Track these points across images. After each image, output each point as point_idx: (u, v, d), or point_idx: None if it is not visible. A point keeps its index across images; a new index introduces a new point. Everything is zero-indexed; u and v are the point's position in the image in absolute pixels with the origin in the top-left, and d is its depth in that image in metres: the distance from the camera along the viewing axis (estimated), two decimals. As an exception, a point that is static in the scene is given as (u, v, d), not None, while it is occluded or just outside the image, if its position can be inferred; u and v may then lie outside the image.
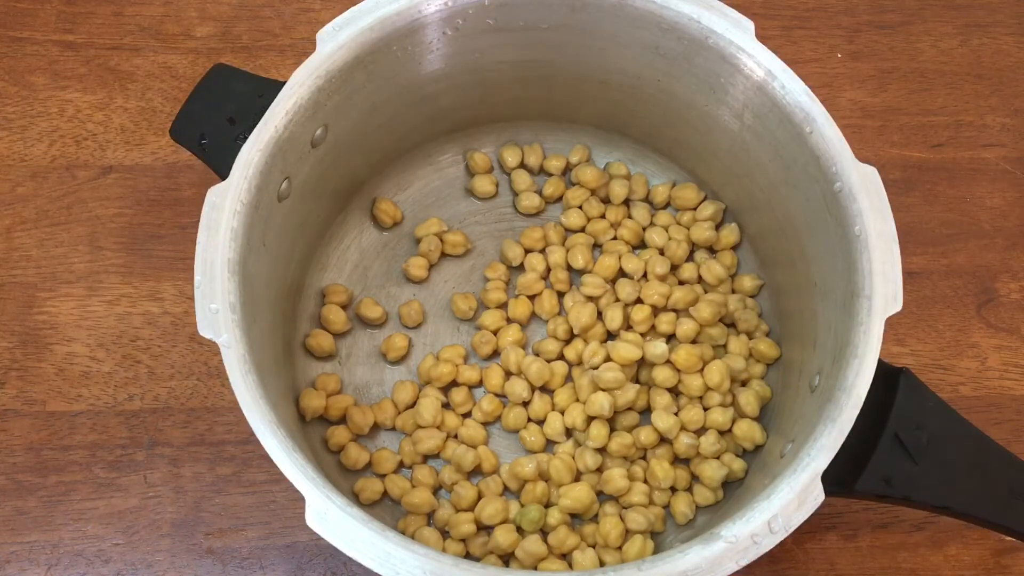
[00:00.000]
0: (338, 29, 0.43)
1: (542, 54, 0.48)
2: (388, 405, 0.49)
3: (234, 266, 0.40)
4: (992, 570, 0.50)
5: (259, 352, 0.40)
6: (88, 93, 0.58)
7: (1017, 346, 0.54)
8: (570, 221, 0.53)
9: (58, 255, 0.54)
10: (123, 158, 0.56)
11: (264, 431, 0.37)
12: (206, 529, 0.49)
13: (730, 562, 0.36)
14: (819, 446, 0.38)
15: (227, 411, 0.51)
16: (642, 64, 0.47)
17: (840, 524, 0.50)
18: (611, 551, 0.46)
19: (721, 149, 0.49)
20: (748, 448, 0.48)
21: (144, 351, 0.52)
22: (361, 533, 0.35)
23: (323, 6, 0.61)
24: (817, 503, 0.37)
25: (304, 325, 0.51)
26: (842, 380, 0.39)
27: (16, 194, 0.55)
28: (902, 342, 0.54)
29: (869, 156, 0.58)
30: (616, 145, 0.55)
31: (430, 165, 0.55)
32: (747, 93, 0.45)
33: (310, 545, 0.48)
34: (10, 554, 0.48)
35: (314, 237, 0.51)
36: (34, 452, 0.50)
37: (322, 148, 0.46)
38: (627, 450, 0.47)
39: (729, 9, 0.44)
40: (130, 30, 0.60)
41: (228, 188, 0.41)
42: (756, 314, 0.51)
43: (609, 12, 0.45)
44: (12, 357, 0.51)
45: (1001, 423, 0.52)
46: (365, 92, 0.46)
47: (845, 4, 0.63)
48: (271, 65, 0.59)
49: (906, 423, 0.40)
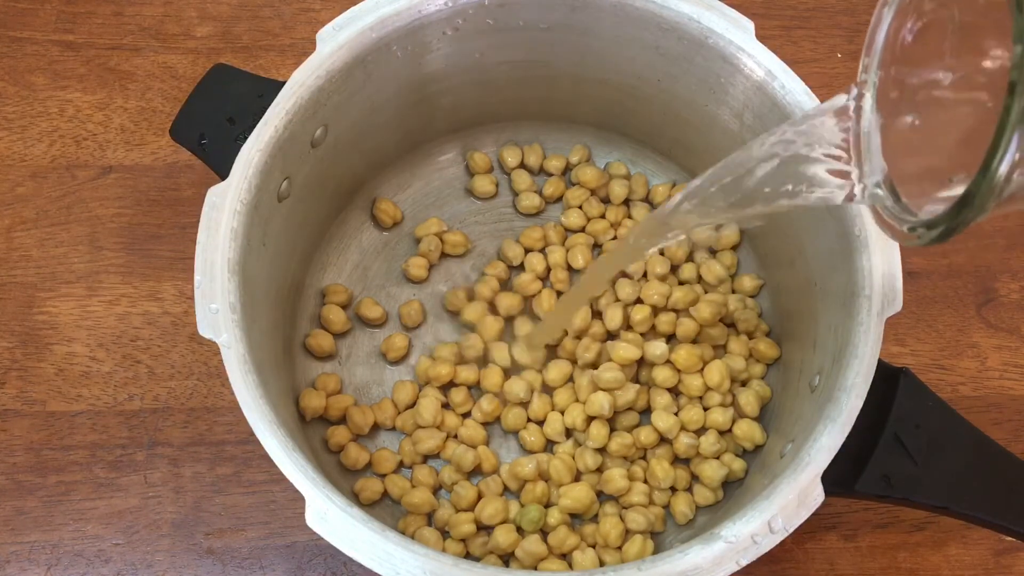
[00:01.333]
0: (338, 29, 0.43)
1: (542, 54, 0.48)
2: (388, 405, 0.49)
3: (234, 266, 0.40)
4: (992, 570, 0.50)
5: (259, 352, 0.40)
6: (88, 93, 0.58)
7: (1017, 346, 0.54)
8: (570, 221, 0.53)
9: (58, 255, 0.54)
10: (123, 158, 0.56)
11: (264, 431, 0.37)
12: (206, 529, 0.49)
13: (730, 562, 0.36)
14: (819, 446, 0.38)
15: (227, 411, 0.51)
16: (642, 64, 0.47)
17: (840, 524, 0.50)
18: (611, 551, 0.46)
19: (721, 149, 0.49)
20: (748, 448, 0.48)
21: (144, 351, 0.52)
22: (361, 533, 0.35)
23: (323, 6, 0.61)
24: (817, 503, 0.37)
25: (304, 325, 0.51)
26: (842, 380, 0.39)
27: (16, 194, 0.55)
28: (902, 342, 0.54)
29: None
30: (616, 145, 0.55)
31: (430, 165, 0.55)
32: (747, 93, 0.45)
33: (310, 545, 0.48)
34: (10, 554, 0.48)
35: (314, 237, 0.51)
36: (34, 452, 0.50)
37: (322, 148, 0.46)
38: (627, 450, 0.47)
39: (729, 9, 0.44)
40: (130, 30, 0.60)
41: (228, 188, 0.41)
42: (756, 314, 0.51)
43: (609, 12, 0.45)
44: (12, 357, 0.51)
45: (1001, 423, 0.52)
46: (365, 92, 0.46)
47: (845, 4, 0.63)
48: (271, 65, 0.59)
49: (906, 423, 0.40)
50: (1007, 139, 0.23)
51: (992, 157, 0.23)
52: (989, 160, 0.23)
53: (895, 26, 0.30)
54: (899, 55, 0.30)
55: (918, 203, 0.28)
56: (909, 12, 0.29)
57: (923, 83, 0.29)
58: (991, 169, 0.23)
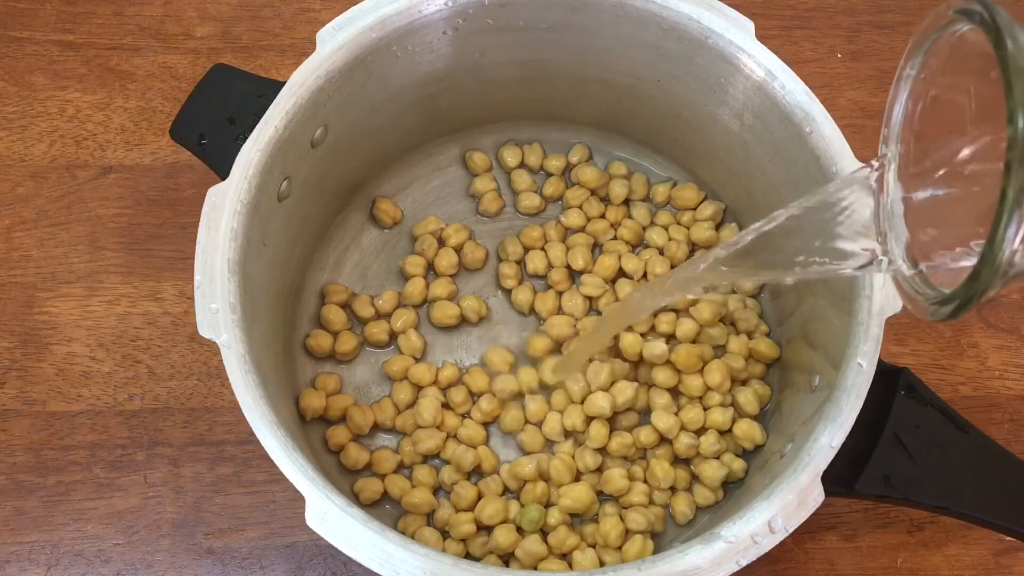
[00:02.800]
0: (338, 29, 0.43)
1: (542, 54, 0.48)
2: (388, 405, 0.49)
3: (234, 266, 0.40)
4: (992, 570, 0.50)
5: (259, 352, 0.40)
6: (88, 93, 0.58)
7: (1017, 346, 0.54)
8: (570, 221, 0.53)
9: (58, 255, 0.54)
10: (123, 158, 0.56)
11: (264, 431, 0.37)
12: (206, 529, 0.49)
13: (730, 562, 0.36)
14: (819, 446, 0.38)
15: (227, 411, 0.51)
16: (642, 64, 0.47)
17: (840, 524, 0.50)
18: (611, 551, 0.46)
19: (721, 149, 0.49)
20: (748, 448, 0.48)
21: (144, 351, 0.52)
22: (361, 533, 0.35)
23: (323, 6, 0.61)
24: (817, 503, 0.37)
25: (304, 325, 0.51)
26: (842, 380, 0.39)
27: (16, 194, 0.55)
28: (902, 342, 0.54)
29: (869, 156, 0.57)
30: (616, 145, 0.55)
31: (430, 165, 0.55)
32: (747, 93, 0.45)
33: (310, 545, 0.48)
34: (10, 554, 0.48)
35: (314, 237, 0.51)
36: (34, 452, 0.50)
37: (322, 148, 0.46)
38: (627, 450, 0.47)
39: (729, 9, 0.44)
40: (130, 30, 0.60)
41: (228, 188, 0.41)
42: (756, 314, 0.51)
43: (609, 12, 0.45)
44: (12, 357, 0.51)
45: (1001, 423, 0.52)
46: (365, 92, 0.46)
47: (845, 4, 0.63)
48: (271, 65, 0.59)
49: (906, 423, 0.40)
50: (1006, 220, 0.23)
51: (993, 239, 0.23)
52: (991, 241, 0.23)
53: (913, 99, 0.30)
54: (918, 128, 0.30)
55: (939, 277, 0.28)
56: (925, 86, 0.29)
57: (943, 155, 0.29)
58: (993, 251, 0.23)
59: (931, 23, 0.29)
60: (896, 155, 0.30)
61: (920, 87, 0.30)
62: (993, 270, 0.24)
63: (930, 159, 0.29)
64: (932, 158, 0.29)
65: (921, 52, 0.29)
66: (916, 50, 0.29)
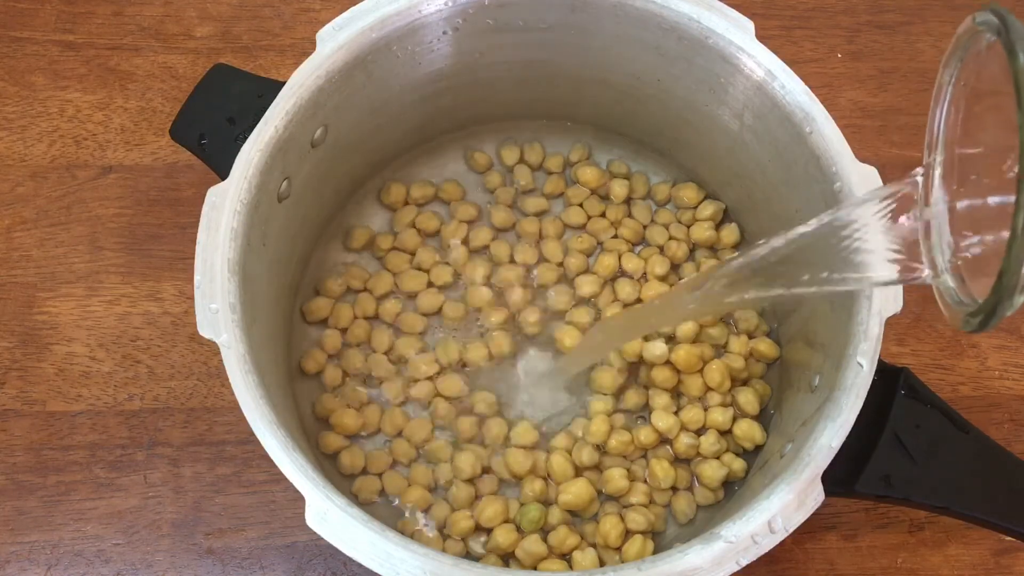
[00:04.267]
0: (338, 29, 0.43)
1: (542, 54, 0.48)
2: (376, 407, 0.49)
3: (234, 266, 0.40)
4: (992, 570, 0.50)
5: (259, 352, 0.40)
6: (88, 93, 0.58)
7: (1017, 346, 0.54)
8: (570, 218, 0.53)
9: (58, 255, 0.54)
10: (123, 158, 0.56)
11: (264, 431, 0.37)
12: (206, 529, 0.49)
13: (730, 562, 0.36)
14: (819, 446, 0.38)
15: (227, 411, 0.51)
16: (642, 64, 0.47)
17: (840, 524, 0.50)
18: (611, 551, 0.46)
19: (721, 149, 0.49)
20: (748, 448, 0.48)
21: (144, 351, 0.52)
22: (361, 533, 0.35)
23: (323, 6, 0.61)
24: (817, 503, 0.37)
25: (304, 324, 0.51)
26: (842, 380, 0.39)
27: (16, 194, 0.55)
28: (902, 342, 0.54)
29: (869, 156, 0.57)
30: (616, 145, 0.55)
31: (430, 165, 0.55)
32: (747, 93, 0.45)
33: (310, 545, 0.48)
34: (10, 554, 0.48)
35: (314, 237, 0.51)
36: (34, 452, 0.50)
37: (322, 148, 0.46)
38: (626, 448, 0.47)
39: (729, 9, 0.44)
40: (130, 30, 0.60)
41: (228, 188, 0.41)
42: (756, 314, 0.51)
43: (609, 12, 0.45)
44: (12, 357, 0.51)
45: (1001, 423, 0.52)
46: (365, 92, 0.46)
47: (845, 4, 0.63)
48: (271, 65, 0.59)
49: (906, 423, 0.40)
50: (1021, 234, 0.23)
51: (1010, 252, 0.23)
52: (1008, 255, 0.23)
53: (954, 107, 0.30)
54: (960, 135, 0.30)
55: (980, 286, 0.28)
56: (965, 92, 0.29)
57: (987, 162, 0.29)
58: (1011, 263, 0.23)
59: (962, 33, 0.28)
60: (940, 163, 0.30)
61: (959, 94, 0.30)
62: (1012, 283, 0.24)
63: (973, 166, 0.29)
64: (975, 165, 0.29)
65: (956, 60, 0.29)
66: (951, 58, 0.29)
